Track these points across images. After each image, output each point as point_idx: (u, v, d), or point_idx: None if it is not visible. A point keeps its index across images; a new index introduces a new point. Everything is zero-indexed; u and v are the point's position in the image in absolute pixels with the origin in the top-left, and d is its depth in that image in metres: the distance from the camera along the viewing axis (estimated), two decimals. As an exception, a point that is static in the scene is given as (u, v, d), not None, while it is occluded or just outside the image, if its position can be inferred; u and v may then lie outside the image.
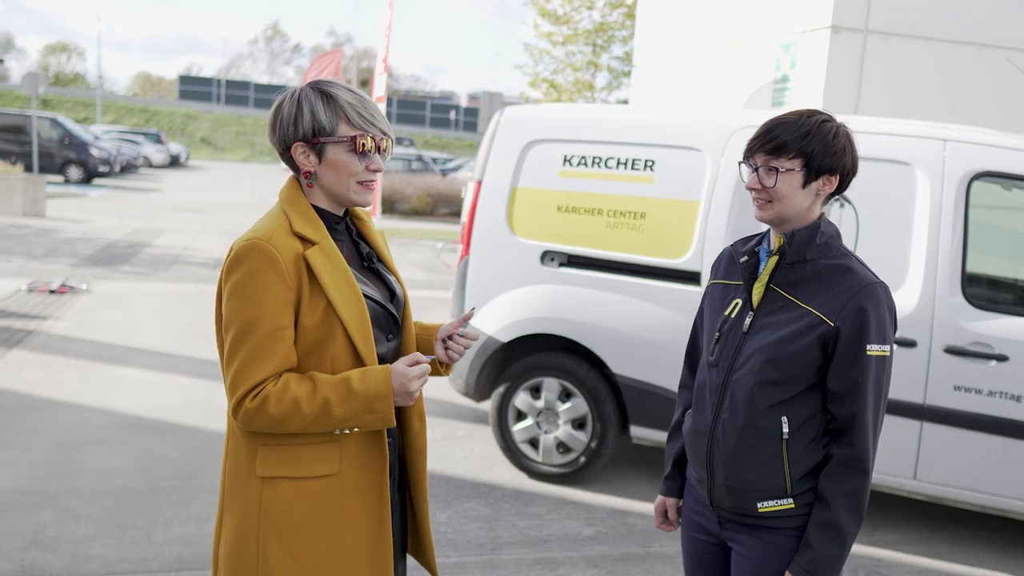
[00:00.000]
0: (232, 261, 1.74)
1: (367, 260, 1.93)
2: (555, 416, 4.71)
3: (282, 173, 38.77)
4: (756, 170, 1.97)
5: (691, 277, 4.37)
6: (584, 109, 5.07)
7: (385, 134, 1.84)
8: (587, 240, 4.61)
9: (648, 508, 4.49)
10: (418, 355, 1.80)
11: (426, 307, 9.56)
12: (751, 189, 1.98)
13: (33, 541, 3.73)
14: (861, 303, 1.89)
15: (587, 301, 4.59)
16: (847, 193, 4.17)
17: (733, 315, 2.05)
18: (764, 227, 4.35)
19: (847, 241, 4.14)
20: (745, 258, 2.06)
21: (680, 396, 2.31)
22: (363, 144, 1.79)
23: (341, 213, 1.89)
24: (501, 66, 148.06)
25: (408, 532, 2.06)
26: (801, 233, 1.96)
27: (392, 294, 1.93)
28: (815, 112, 1.97)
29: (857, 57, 7.19)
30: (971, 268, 3.99)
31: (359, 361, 1.78)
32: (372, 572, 1.83)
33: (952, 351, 3.88)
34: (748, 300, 2.03)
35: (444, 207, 22.12)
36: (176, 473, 4.55)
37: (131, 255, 11.86)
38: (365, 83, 74.36)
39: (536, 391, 4.74)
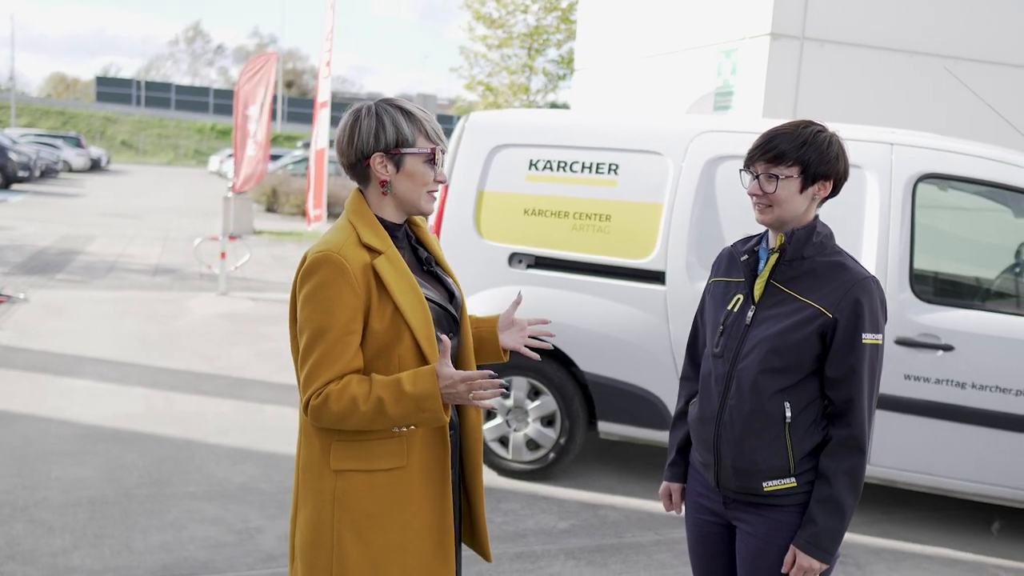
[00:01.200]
0: (306, 271, 1.88)
1: (426, 264, 2.07)
2: (524, 414, 4.82)
3: (208, 176, 37.95)
4: (757, 177, 2.12)
5: (656, 276, 4.53)
6: (549, 115, 5.21)
7: (445, 148, 2.01)
8: (554, 242, 4.74)
9: (617, 500, 4.65)
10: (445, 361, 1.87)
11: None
12: (753, 195, 2.13)
13: (9, 554, 3.67)
14: (857, 296, 2.06)
15: (554, 301, 4.72)
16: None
17: (735, 309, 2.20)
18: (723, 228, 4.56)
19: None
20: (745, 256, 2.21)
21: (681, 387, 2.46)
22: (437, 156, 1.96)
23: (402, 222, 2.03)
24: (430, 68, 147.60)
25: (462, 521, 2.16)
26: (799, 233, 2.12)
27: (451, 295, 2.07)
28: (810, 123, 2.14)
29: (795, 63, 7.51)
30: (918, 265, 4.25)
31: (423, 361, 1.91)
32: (436, 557, 1.96)
33: (902, 342, 4.13)
34: (750, 295, 2.18)
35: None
36: (147, 482, 4.51)
37: (64, 262, 11.54)
38: (291, 84, 73.27)
39: (505, 390, 4.85)
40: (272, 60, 14.61)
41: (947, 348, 4.06)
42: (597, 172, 4.69)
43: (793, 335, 2.08)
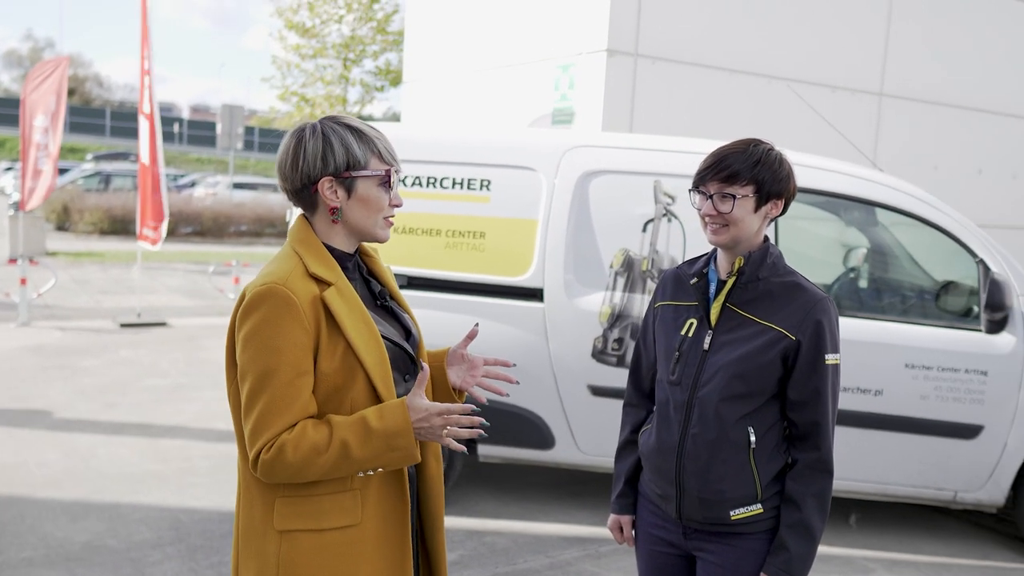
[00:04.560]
0: (246, 307, 1.65)
1: (380, 298, 1.87)
2: (400, 442, 4.60)
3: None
4: (710, 197, 2.07)
5: (533, 294, 4.46)
6: (416, 128, 5.02)
7: (399, 169, 1.83)
8: (427, 261, 4.56)
9: (502, 525, 4.52)
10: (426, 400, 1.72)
11: (206, 335, 8.96)
12: (707, 215, 2.07)
13: None
14: (817, 317, 2.05)
15: (430, 322, 4.51)
16: (674, 208, 4.49)
17: (690, 334, 2.13)
18: (599, 243, 4.55)
19: (675, 252, 4.45)
20: (695, 280, 2.15)
21: (626, 415, 2.36)
22: (392, 178, 1.78)
23: (353, 251, 1.83)
24: (227, 77, 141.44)
25: None
26: (755, 255, 2.09)
27: (408, 333, 1.87)
28: (759, 141, 2.11)
29: (630, 80, 7.72)
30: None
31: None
32: None
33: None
34: (705, 319, 2.12)
35: (185, 226, 20.82)
36: (-30, 550, 3.90)
37: None
38: (73, 92, 67.65)
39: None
40: (63, 66, 13.39)
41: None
42: (469, 188, 4.56)
43: (757, 359, 2.04)
